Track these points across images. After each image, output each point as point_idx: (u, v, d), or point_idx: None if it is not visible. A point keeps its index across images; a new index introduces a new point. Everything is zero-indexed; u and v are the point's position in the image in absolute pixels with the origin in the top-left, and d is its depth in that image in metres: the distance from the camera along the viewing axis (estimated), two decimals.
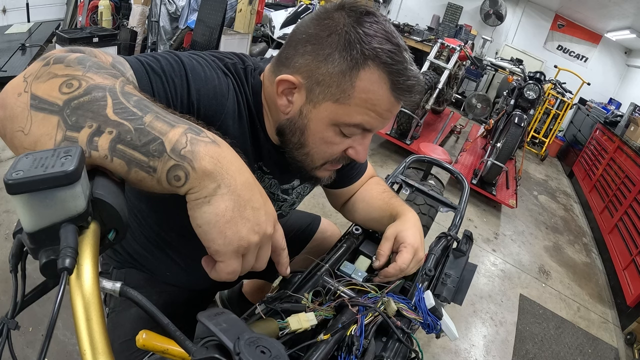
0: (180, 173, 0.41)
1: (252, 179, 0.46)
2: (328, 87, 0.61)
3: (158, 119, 0.42)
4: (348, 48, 0.59)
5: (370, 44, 0.59)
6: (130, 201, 0.83)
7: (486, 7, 7.01)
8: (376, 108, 0.62)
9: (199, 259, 0.48)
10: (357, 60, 0.59)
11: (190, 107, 0.60)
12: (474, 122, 5.88)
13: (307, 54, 0.61)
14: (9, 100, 0.41)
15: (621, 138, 3.94)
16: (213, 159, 0.42)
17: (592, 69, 6.83)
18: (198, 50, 3.51)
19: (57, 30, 3.86)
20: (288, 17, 4.57)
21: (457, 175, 1.42)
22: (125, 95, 0.42)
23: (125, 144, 0.40)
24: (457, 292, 0.84)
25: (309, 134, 0.66)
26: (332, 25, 0.60)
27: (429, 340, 1.95)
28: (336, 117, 0.63)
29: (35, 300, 0.38)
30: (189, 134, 0.42)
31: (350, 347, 0.60)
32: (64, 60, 0.44)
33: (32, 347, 1.39)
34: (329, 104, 0.62)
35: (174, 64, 0.59)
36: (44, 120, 0.39)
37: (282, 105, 0.66)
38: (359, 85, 0.60)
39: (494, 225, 3.41)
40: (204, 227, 0.42)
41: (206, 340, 0.39)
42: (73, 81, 0.41)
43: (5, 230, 1.87)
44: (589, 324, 2.51)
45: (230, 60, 0.68)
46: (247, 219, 0.43)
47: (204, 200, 0.42)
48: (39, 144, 0.39)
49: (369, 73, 0.59)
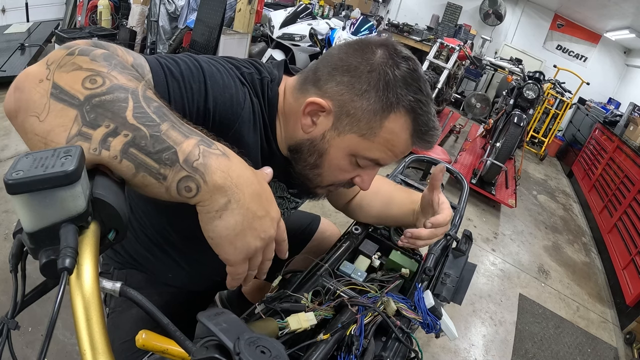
0: (191, 184, 0.42)
1: (259, 187, 0.48)
2: (357, 122, 0.63)
3: (174, 128, 0.43)
4: (385, 90, 0.61)
5: (405, 91, 0.62)
6: (135, 203, 0.83)
7: (485, 7, 7.02)
8: (394, 149, 0.66)
9: (202, 260, 0.49)
10: (392, 103, 0.62)
11: (206, 113, 0.60)
12: (473, 121, 5.88)
13: (344, 85, 0.63)
14: (29, 84, 0.41)
15: (620, 138, 3.95)
16: (224, 173, 0.43)
17: (591, 69, 6.84)
18: (197, 50, 3.48)
19: (56, 30, 3.86)
20: (287, 16, 4.56)
21: (457, 174, 1.42)
22: (147, 100, 0.43)
23: (138, 149, 0.40)
24: (456, 292, 0.84)
25: (327, 158, 0.68)
26: (373, 62, 0.62)
27: (429, 339, 1.95)
28: (357, 150, 0.66)
29: (35, 300, 0.38)
30: (202, 146, 0.43)
31: (350, 346, 0.60)
32: (90, 54, 0.44)
33: (32, 347, 1.39)
34: (353, 137, 0.65)
35: (193, 69, 0.59)
36: (62, 112, 0.40)
37: (305, 124, 0.67)
38: (387, 126, 0.63)
39: (494, 224, 3.42)
40: (216, 240, 0.45)
41: (206, 340, 0.39)
42: (97, 77, 0.41)
43: (5, 230, 1.87)
44: (589, 324, 2.51)
45: (247, 70, 0.68)
46: (254, 229, 0.46)
47: (215, 214, 0.44)
48: (52, 134, 0.39)
49: (398, 117, 0.63)
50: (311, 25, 4.54)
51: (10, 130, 2.70)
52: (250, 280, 0.53)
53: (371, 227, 1.00)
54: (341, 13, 5.49)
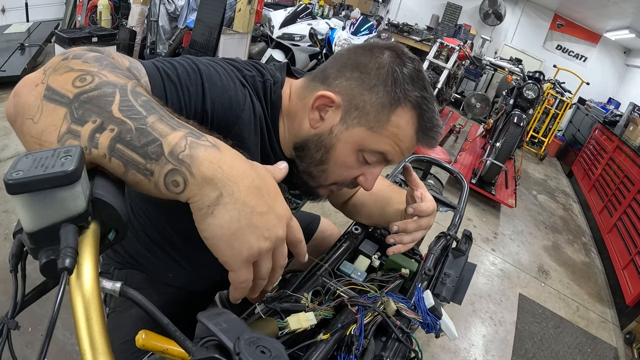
0: (178, 178, 0.39)
1: (258, 180, 0.43)
2: (366, 115, 0.65)
3: (161, 120, 0.41)
4: (393, 85, 0.64)
5: (412, 87, 0.64)
6: (136, 202, 0.83)
7: (485, 7, 7.02)
8: (401, 144, 0.67)
9: (202, 260, 0.48)
10: (399, 98, 0.64)
11: (204, 115, 0.60)
12: (473, 121, 5.88)
13: (353, 80, 0.65)
14: (25, 89, 0.42)
15: (620, 137, 3.95)
16: (213, 164, 0.40)
17: (591, 69, 6.84)
18: (197, 50, 3.48)
19: (56, 30, 3.86)
20: (287, 16, 4.56)
21: (457, 174, 1.43)
22: (134, 94, 0.42)
23: (124, 144, 0.39)
24: (456, 292, 0.84)
25: (334, 153, 0.68)
26: (381, 61, 0.65)
27: (429, 339, 1.95)
28: (365, 143, 0.66)
29: (35, 300, 0.38)
30: (189, 137, 0.40)
31: (350, 346, 0.60)
32: (82, 57, 0.44)
33: (32, 347, 1.39)
34: (361, 130, 0.66)
35: (190, 72, 0.59)
36: (53, 111, 0.40)
37: (313, 119, 0.68)
38: (394, 120, 0.65)
39: (493, 224, 3.42)
40: (211, 240, 0.41)
41: (206, 340, 0.39)
42: (87, 76, 0.42)
43: (5, 230, 1.87)
44: (588, 323, 2.51)
45: (249, 73, 0.68)
46: (255, 227, 0.41)
47: (207, 210, 0.40)
48: (45, 134, 0.39)
49: (405, 112, 0.65)
50: (311, 25, 4.54)
51: (10, 130, 2.71)
52: (258, 290, 0.47)
53: (371, 227, 1.00)
54: (341, 13, 5.50)
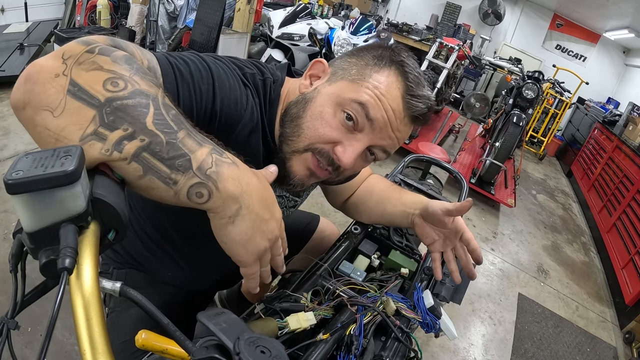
0: (203, 191, 0.44)
1: (264, 191, 0.51)
2: (349, 71, 0.67)
3: (190, 136, 0.45)
4: (381, 56, 0.67)
5: (400, 55, 0.67)
6: (134, 201, 0.83)
7: (485, 7, 7.02)
8: (382, 98, 0.63)
9: (202, 259, 0.50)
10: (384, 61, 0.66)
11: (213, 114, 0.61)
12: (473, 121, 5.88)
13: (349, 61, 0.69)
14: (43, 77, 0.40)
15: (619, 137, 3.95)
16: (235, 181, 0.46)
17: (590, 69, 6.84)
18: (197, 50, 3.48)
19: (55, 30, 3.86)
20: (287, 16, 4.56)
21: (456, 174, 1.43)
22: (166, 108, 0.44)
23: (151, 153, 0.41)
24: (455, 292, 0.84)
25: (312, 105, 0.66)
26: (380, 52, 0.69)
27: (428, 339, 1.95)
28: (344, 93, 0.64)
29: (35, 300, 0.38)
30: (214, 155, 0.45)
31: (349, 346, 0.60)
32: (111, 55, 0.44)
33: (31, 347, 1.39)
34: (343, 82, 0.66)
35: (202, 71, 0.60)
36: (79, 110, 0.40)
37: (303, 84, 0.70)
38: (376, 77, 0.65)
39: (493, 224, 3.42)
40: (229, 244, 0.48)
41: (206, 340, 0.39)
42: (119, 81, 0.42)
43: (4, 230, 1.87)
44: (588, 323, 2.52)
45: (250, 71, 0.69)
46: (262, 231, 0.50)
47: (228, 220, 0.47)
48: (66, 131, 0.39)
49: (390, 72, 0.66)
50: (310, 25, 4.53)
51: (9, 130, 2.69)
52: (267, 278, 0.55)
53: (370, 227, 1.00)
54: (340, 13, 5.49)
